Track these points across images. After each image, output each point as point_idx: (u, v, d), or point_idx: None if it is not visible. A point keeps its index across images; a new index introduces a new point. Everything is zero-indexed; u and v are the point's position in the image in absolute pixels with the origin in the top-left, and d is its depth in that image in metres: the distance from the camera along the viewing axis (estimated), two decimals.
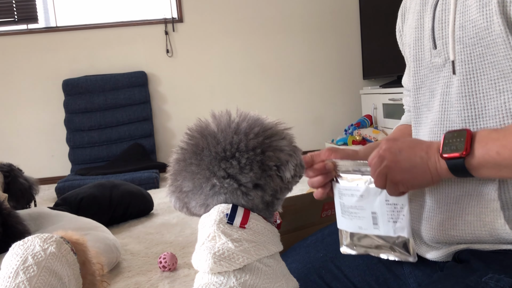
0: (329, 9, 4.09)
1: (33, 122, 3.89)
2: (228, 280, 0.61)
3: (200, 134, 0.69)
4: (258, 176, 0.66)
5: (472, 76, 0.71)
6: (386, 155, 0.71)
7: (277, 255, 0.68)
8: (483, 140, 0.65)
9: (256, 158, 0.65)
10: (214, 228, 0.64)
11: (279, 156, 0.67)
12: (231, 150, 0.65)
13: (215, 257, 0.62)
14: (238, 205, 0.67)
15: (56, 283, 0.82)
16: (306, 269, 0.94)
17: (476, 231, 0.72)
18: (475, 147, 0.65)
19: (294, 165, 0.68)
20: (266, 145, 0.66)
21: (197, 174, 0.67)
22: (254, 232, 0.65)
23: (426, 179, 0.70)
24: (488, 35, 0.68)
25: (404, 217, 0.75)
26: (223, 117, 0.71)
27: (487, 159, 0.64)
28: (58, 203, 2.33)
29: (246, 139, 0.65)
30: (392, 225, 0.77)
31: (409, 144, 0.71)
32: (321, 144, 4.06)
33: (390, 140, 0.74)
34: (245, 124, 0.68)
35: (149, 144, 3.84)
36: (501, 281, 0.66)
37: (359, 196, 0.78)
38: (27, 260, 0.82)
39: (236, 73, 4.06)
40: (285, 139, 0.69)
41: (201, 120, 0.71)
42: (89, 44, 3.89)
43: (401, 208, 0.75)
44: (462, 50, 0.72)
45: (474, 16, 0.69)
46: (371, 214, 0.78)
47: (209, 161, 0.66)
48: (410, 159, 0.70)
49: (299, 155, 0.71)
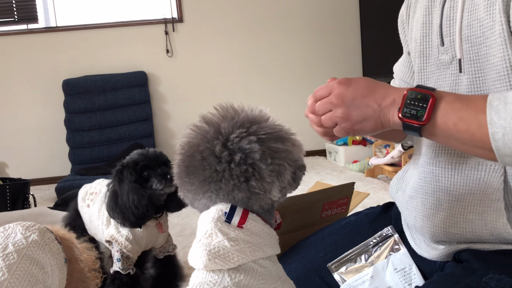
0: (329, 9, 4.09)
1: (33, 122, 3.88)
2: (222, 279, 0.61)
3: (188, 155, 0.67)
4: (248, 196, 0.65)
5: (480, 75, 0.71)
6: (338, 103, 0.70)
7: (274, 257, 0.68)
8: (445, 108, 0.63)
9: (241, 185, 0.64)
10: (211, 226, 0.65)
11: (263, 185, 0.64)
12: (216, 177, 0.64)
13: (210, 254, 0.62)
14: (236, 206, 0.67)
15: (38, 272, 0.78)
16: (306, 269, 0.95)
17: (477, 229, 0.72)
18: (436, 115, 0.63)
19: (278, 190, 0.66)
20: (250, 175, 0.63)
21: (192, 190, 0.68)
22: (251, 233, 0.65)
23: (375, 129, 0.70)
24: (492, 35, 0.68)
25: (415, 276, 0.77)
26: (204, 129, 0.68)
27: (442, 128, 0.63)
28: (58, 203, 2.34)
29: (229, 168, 0.63)
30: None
31: (362, 91, 0.69)
32: (321, 144, 4.06)
33: (342, 83, 0.71)
34: (226, 150, 0.64)
35: (149, 144, 3.83)
36: (502, 281, 0.66)
37: (370, 279, 0.80)
38: (7, 248, 0.78)
39: (236, 73, 4.06)
40: (271, 164, 0.64)
41: (188, 135, 0.69)
42: (89, 44, 3.89)
43: (409, 269, 0.78)
44: (470, 49, 0.72)
45: (481, 15, 0.69)
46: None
47: (200, 182, 0.66)
48: (362, 111, 0.69)
49: (286, 177, 0.66)
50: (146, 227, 1.32)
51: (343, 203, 1.29)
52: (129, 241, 1.29)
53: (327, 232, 1.02)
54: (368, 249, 0.88)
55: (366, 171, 3.13)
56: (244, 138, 0.63)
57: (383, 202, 1.04)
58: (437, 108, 0.64)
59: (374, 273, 0.82)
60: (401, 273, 0.79)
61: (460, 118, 0.61)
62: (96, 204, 1.40)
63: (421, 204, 0.81)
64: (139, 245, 1.32)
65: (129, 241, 1.29)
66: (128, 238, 1.29)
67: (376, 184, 2.84)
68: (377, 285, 0.81)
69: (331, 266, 0.91)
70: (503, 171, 0.69)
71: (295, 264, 0.97)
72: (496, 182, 0.70)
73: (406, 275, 0.79)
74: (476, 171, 0.72)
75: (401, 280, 0.79)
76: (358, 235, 0.95)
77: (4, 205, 2.43)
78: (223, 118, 0.67)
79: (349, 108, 0.69)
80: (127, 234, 1.30)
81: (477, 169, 0.72)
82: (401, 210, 0.88)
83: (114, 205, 1.27)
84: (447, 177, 0.77)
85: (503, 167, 0.69)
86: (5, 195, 2.43)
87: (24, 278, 0.75)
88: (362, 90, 0.70)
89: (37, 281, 0.77)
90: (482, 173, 0.72)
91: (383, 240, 0.89)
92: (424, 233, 0.80)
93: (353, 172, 3.28)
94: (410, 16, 0.90)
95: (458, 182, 0.75)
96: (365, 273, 0.83)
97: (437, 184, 0.78)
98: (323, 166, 3.59)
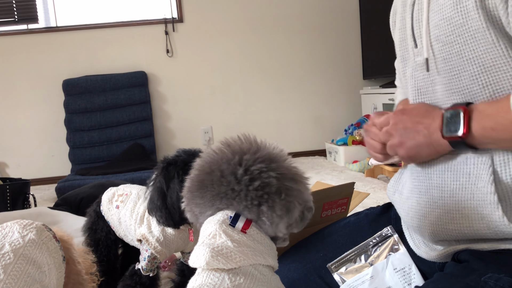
0: (329, 9, 4.09)
1: (33, 122, 3.89)
2: (222, 282, 0.62)
3: (205, 172, 0.70)
4: (256, 219, 0.67)
5: (454, 73, 0.72)
6: (393, 132, 0.77)
7: (272, 269, 0.69)
8: (479, 117, 0.68)
9: (253, 208, 0.66)
10: (216, 227, 0.66)
11: (272, 215, 0.67)
12: (231, 195, 0.67)
13: (213, 251, 0.62)
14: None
15: (34, 271, 0.77)
16: (306, 269, 0.95)
17: (474, 224, 0.72)
18: (473, 126, 0.68)
19: (284, 226, 0.68)
20: (264, 200, 0.66)
21: (201, 204, 0.70)
22: (254, 239, 0.66)
23: (432, 154, 0.75)
24: (465, 32, 0.68)
25: (415, 275, 0.78)
26: (227, 152, 0.70)
27: (484, 135, 0.67)
28: (58, 203, 2.34)
29: (247, 190, 0.66)
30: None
31: (414, 119, 0.75)
32: (321, 144, 4.06)
33: (398, 113, 0.77)
34: (248, 175, 0.67)
35: (149, 144, 3.84)
36: (501, 280, 0.67)
37: (370, 279, 0.81)
38: (3, 247, 0.78)
39: (236, 73, 4.06)
40: (284, 200, 0.67)
41: (212, 152, 0.72)
42: (89, 44, 3.89)
43: (409, 269, 0.78)
44: (441, 48, 0.73)
45: (449, 13, 0.70)
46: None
47: (212, 196, 0.68)
48: (414, 139, 0.74)
49: (294, 215, 0.69)
50: (179, 231, 1.30)
51: (343, 203, 1.29)
52: (159, 243, 1.27)
53: (327, 232, 1.02)
54: (368, 249, 0.89)
55: (366, 171, 3.13)
56: (264, 172, 0.67)
57: (383, 202, 1.04)
58: (472, 119, 0.68)
59: (374, 273, 0.82)
60: (401, 273, 0.80)
61: (495, 122, 0.66)
62: (128, 204, 1.39)
63: (417, 203, 0.81)
64: (168, 248, 1.30)
65: (159, 242, 1.27)
66: (159, 240, 1.27)
67: (376, 184, 2.84)
68: (377, 285, 0.81)
69: (330, 266, 0.91)
70: (491, 162, 0.70)
71: (295, 264, 0.97)
72: (486, 175, 0.70)
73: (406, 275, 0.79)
74: (465, 165, 0.73)
75: (401, 280, 0.79)
76: (358, 235, 0.95)
77: (4, 205, 2.43)
78: (247, 150, 0.70)
79: (402, 137, 0.76)
80: (158, 236, 1.27)
81: (466, 163, 0.73)
82: (399, 211, 0.88)
83: (161, 204, 1.20)
84: (438, 174, 0.77)
85: (490, 158, 0.70)
86: (5, 195, 2.44)
87: (20, 278, 0.75)
88: (414, 118, 0.75)
89: (34, 281, 0.76)
90: (471, 166, 0.72)
91: (383, 240, 0.89)
92: (423, 232, 0.81)
93: (353, 172, 3.28)
94: (394, 23, 0.92)
95: (448, 178, 0.76)
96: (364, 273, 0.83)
97: (430, 182, 0.79)
98: (323, 166, 3.59)
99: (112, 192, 1.48)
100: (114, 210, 1.43)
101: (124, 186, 1.51)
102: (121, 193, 1.45)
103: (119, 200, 1.43)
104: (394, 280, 0.80)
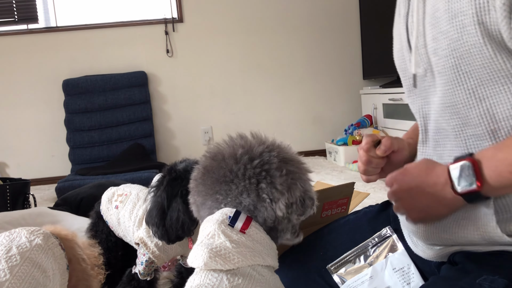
0: (329, 9, 4.09)
1: (33, 122, 3.89)
2: (220, 282, 0.62)
3: (211, 158, 0.74)
4: (255, 203, 0.68)
5: (450, 87, 0.71)
6: (401, 196, 0.75)
7: (272, 269, 0.69)
8: (491, 164, 0.65)
9: (251, 187, 0.68)
10: (215, 227, 0.66)
11: (272, 191, 0.68)
12: (230, 176, 0.70)
13: (212, 252, 0.62)
14: (241, 212, 0.68)
15: (39, 275, 0.80)
16: (306, 268, 0.95)
17: (468, 234, 0.72)
18: (486, 174, 0.65)
19: (284, 204, 0.68)
20: (262, 177, 0.68)
21: (202, 192, 0.72)
22: (253, 239, 0.66)
23: (444, 212, 0.73)
24: (460, 46, 0.67)
25: (414, 275, 0.78)
26: (234, 142, 0.74)
27: (502, 181, 0.64)
28: (58, 203, 2.34)
29: (244, 168, 0.69)
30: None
31: (417, 180, 0.72)
32: (321, 144, 4.06)
33: (399, 177, 0.75)
34: (248, 154, 0.71)
35: (149, 144, 3.84)
36: (495, 282, 0.67)
37: (370, 279, 0.81)
38: (11, 250, 0.81)
39: (236, 73, 4.07)
40: (285, 175, 0.69)
41: (219, 144, 0.76)
42: (89, 44, 3.89)
43: (408, 269, 0.78)
44: (437, 61, 0.72)
45: (445, 27, 0.69)
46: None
47: (212, 182, 0.71)
48: (421, 201, 0.72)
49: (295, 194, 0.70)
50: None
51: (343, 203, 1.29)
52: (157, 248, 1.26)
53: (326, 231, 1.02)
54: (367, 249, 0.89)
55: None
56: (266, 153, 0.69)
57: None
58: (482, 167, 0.65)
59: (373, 273, 0.82)
60: (400, 272, 0.80)
61: (510, 164, 0.63)
62: (127, 205, 1.38)
63: None
64: (166, 253, 1.29)
65: (157, 247, 1.26)
66: (158, 245, 1.26)
67: (376, 184, 2.84)
68: (376, 285, 0.81)
69: (330, 268, 0.91)
70: None
71: (295, 264, 0.97)
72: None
73: (405, 274, 0.80)
74: None
75: (400, 279, 0.80)
76: (357, 233, 0.96)
77: (4, 205, 2.43)
78: (257, 143, 0.73)
79: (406, 201, 0.74)
80: (157, 241, 1.25)
81: None
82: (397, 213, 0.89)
83: (159, 221, 1.16)
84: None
85: None
86: (5, 195, 2.44)
87: (25, 280, 0.77)
88: (417, 179, 0.73)
89: (38, 284, 0.78)
90: None
91: (382, 240, 0.90)
92: (418, 236, 0.81)
93: (353, 172, 3.28)
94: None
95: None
96: (364, 274, 0.83)
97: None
98: (323, 166, 3.59)
99: (112, 192, 1.48)
100: (113, 210, 1.42)
101: (124, 186, 1.50)
102: (121, 193, 1.44)
103: (119, 200, 1.42)
104: (393, 279, 0.80)
